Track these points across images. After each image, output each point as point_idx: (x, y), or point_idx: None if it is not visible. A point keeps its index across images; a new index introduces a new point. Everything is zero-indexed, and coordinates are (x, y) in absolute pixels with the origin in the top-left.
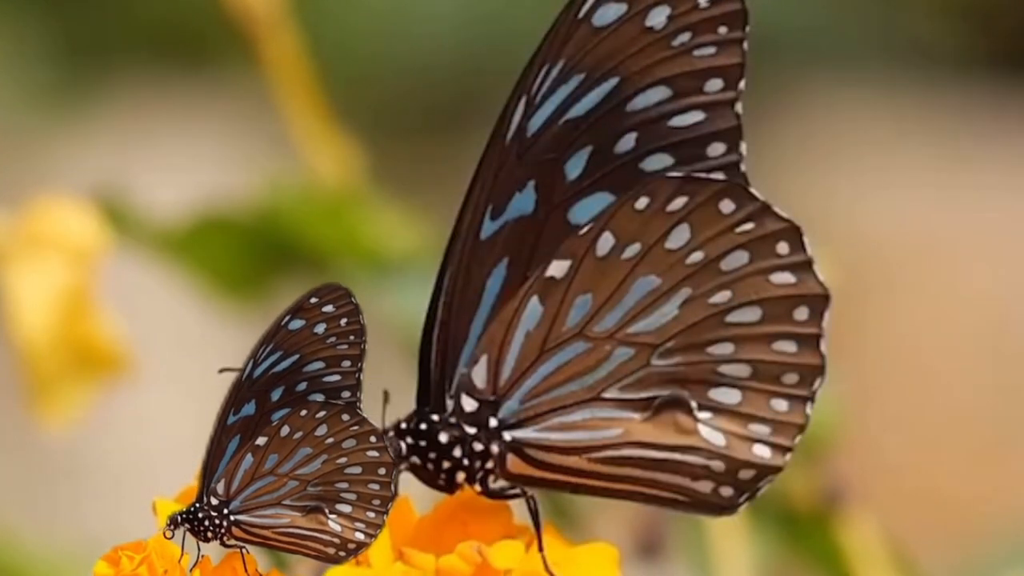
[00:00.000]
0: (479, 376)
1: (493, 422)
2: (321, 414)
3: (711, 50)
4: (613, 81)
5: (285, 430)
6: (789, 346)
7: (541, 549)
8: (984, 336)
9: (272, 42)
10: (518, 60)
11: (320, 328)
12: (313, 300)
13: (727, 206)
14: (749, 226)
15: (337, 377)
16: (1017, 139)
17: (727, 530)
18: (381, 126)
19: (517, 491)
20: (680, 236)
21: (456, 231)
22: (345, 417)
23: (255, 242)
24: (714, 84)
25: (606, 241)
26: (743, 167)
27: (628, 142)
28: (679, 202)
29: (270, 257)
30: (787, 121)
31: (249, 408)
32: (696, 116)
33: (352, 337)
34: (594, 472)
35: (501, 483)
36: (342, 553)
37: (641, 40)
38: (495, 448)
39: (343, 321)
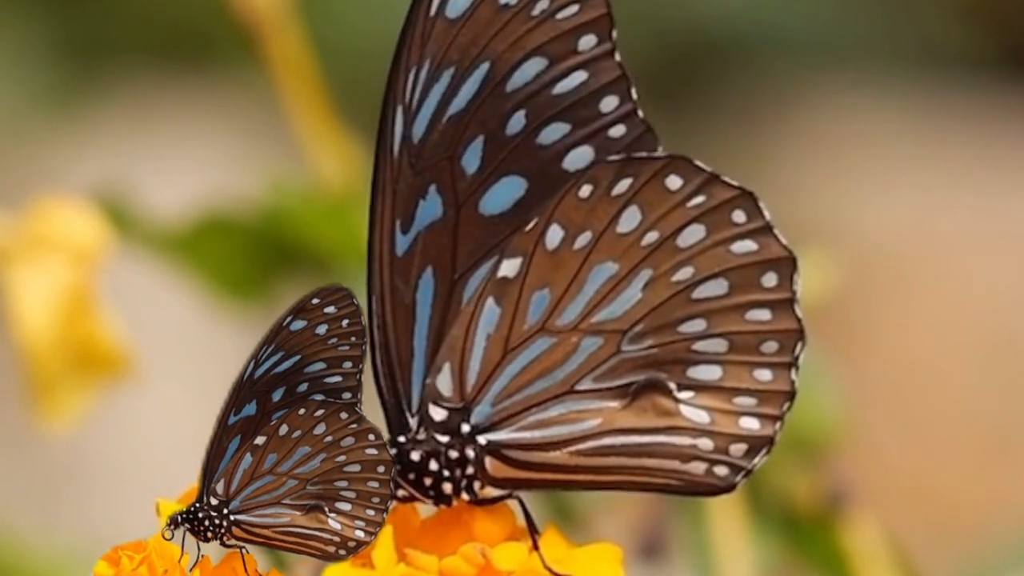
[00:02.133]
0: (444, 384)
1: (466, 428)
2: (319, 413)
3: (574, 8)
4: (484, 66)
5: (284, 429)
6: (763, 314)
7: (537, 549)
8: (988, 338)
9: (275, 42)
10: None
11: (322, 329)
12: (315, 301)
13: (674, 182)
14: (700, 199)
15: (338, 378)
16: None
17: (729, 531)
18: None
19: (508, 496)
20: (631, 218)
21: (370, 254)
22: (343, 415)
23: (257, 243)
24: (587, 41)
25: (555, 233)
26: (640, 113)
27: (518, 121)
28: (624, 185)
29: (272, 258)
30: (793, 123)
31: (250, 408)
32: (579, 76)
33: (353, 338)
34: (579, 466)
35: (491, 491)
36: (342, 551)
37: (499, 19)
38: (471, 453)
39: (345, 322)
